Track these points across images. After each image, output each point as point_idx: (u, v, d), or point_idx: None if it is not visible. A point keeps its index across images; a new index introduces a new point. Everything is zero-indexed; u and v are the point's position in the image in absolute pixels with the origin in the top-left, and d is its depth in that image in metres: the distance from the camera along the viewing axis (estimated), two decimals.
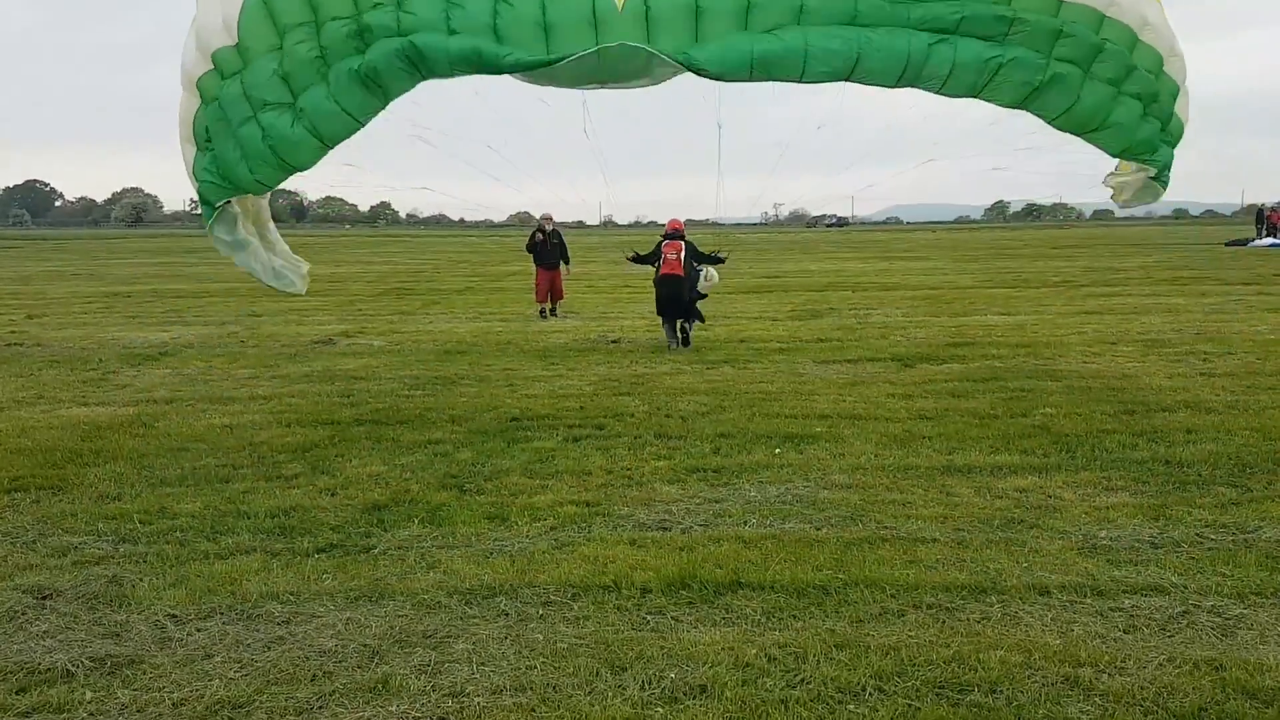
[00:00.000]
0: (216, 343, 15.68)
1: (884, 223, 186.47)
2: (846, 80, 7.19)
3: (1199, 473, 7.32)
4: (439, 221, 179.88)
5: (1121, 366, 12.12)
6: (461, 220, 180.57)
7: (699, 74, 7.04)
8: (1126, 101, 7.68)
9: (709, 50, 6.90)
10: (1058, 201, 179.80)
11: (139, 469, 7.90)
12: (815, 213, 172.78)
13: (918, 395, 10.57)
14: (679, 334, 14.56)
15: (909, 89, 7.43)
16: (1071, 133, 7.84)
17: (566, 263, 19.55)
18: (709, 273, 14.35)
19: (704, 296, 14.46)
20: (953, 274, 30.69)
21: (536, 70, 7.01)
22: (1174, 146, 8.35)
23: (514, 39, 6.85)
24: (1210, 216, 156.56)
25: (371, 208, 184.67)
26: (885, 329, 16.45)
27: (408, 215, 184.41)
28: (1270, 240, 45.68)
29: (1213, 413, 9.31)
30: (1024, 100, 7.40)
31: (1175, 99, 8.14)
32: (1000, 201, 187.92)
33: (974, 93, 7.31)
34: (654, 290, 14.52)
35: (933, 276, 29.73)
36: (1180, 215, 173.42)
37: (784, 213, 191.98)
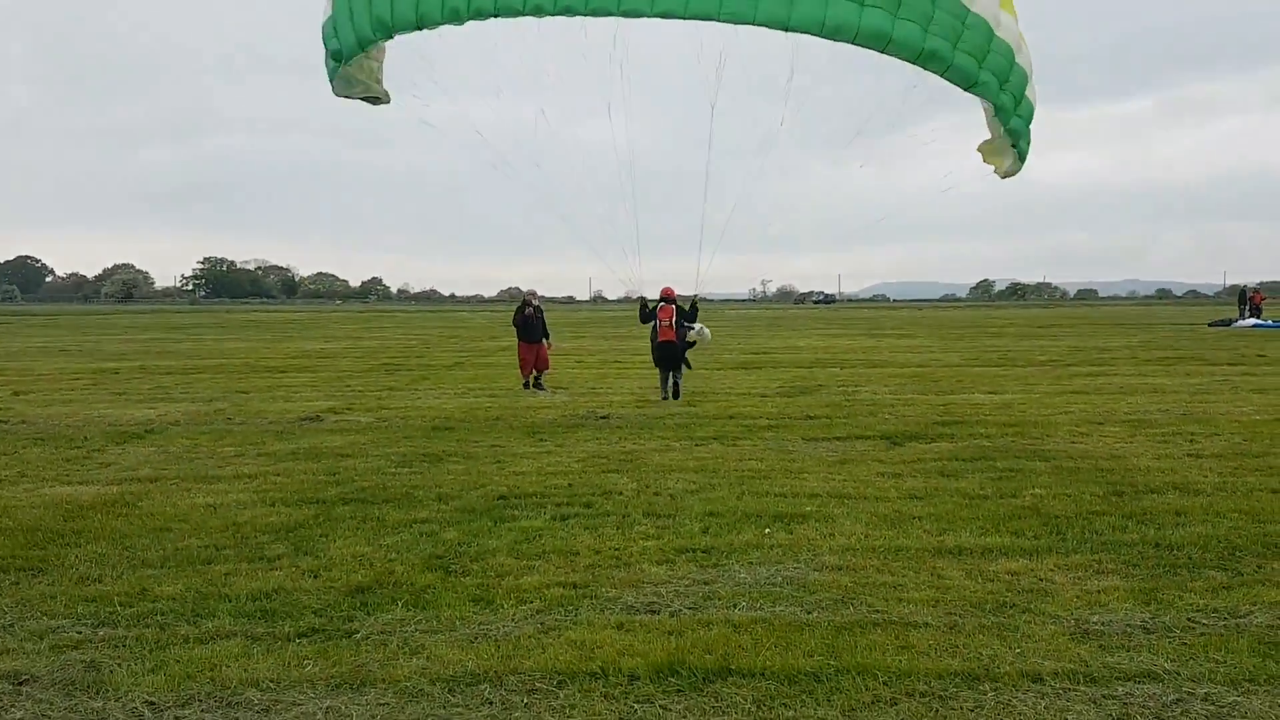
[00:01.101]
0: (203, 420, 15.59)
1: (871, 300, 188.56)
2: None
3: (1189, 556, 7.30)
4: (430, 297, 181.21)
5: (1109, 447, 12.15)
6: (452, 295, 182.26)
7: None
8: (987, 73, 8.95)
9: None
10: (1042, 281, 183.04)
11: (121, 550, 7.79)
12: (803, 289, 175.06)
13: (907, 474, 10.56)
14: (671, 388, 17.46)
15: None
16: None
17: (546, 338, 19.75)
18: (701, 330, 16.87)
19: (693, 344, 17.22)
20: (939, 352, 30.92)
21: None
22: (1027, 124, 9.80)
23: None
24: (1193, 297, 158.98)
25: (363, 283, 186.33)
26: (874, 406, 16.50)
27: (399, 291, 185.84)
28: (1254, 321, 46.36)
29: (1201, 494, 9.32)
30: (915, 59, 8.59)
31: (1026, 85, 9.48)
32: (985, 280, 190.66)
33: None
34: (651, 349, 17.77)
35: (920, 354, 29.95)
36: (1164, 295, 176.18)
37: (772, 289, 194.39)
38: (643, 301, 17.02)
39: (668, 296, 16.78)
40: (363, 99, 10.33)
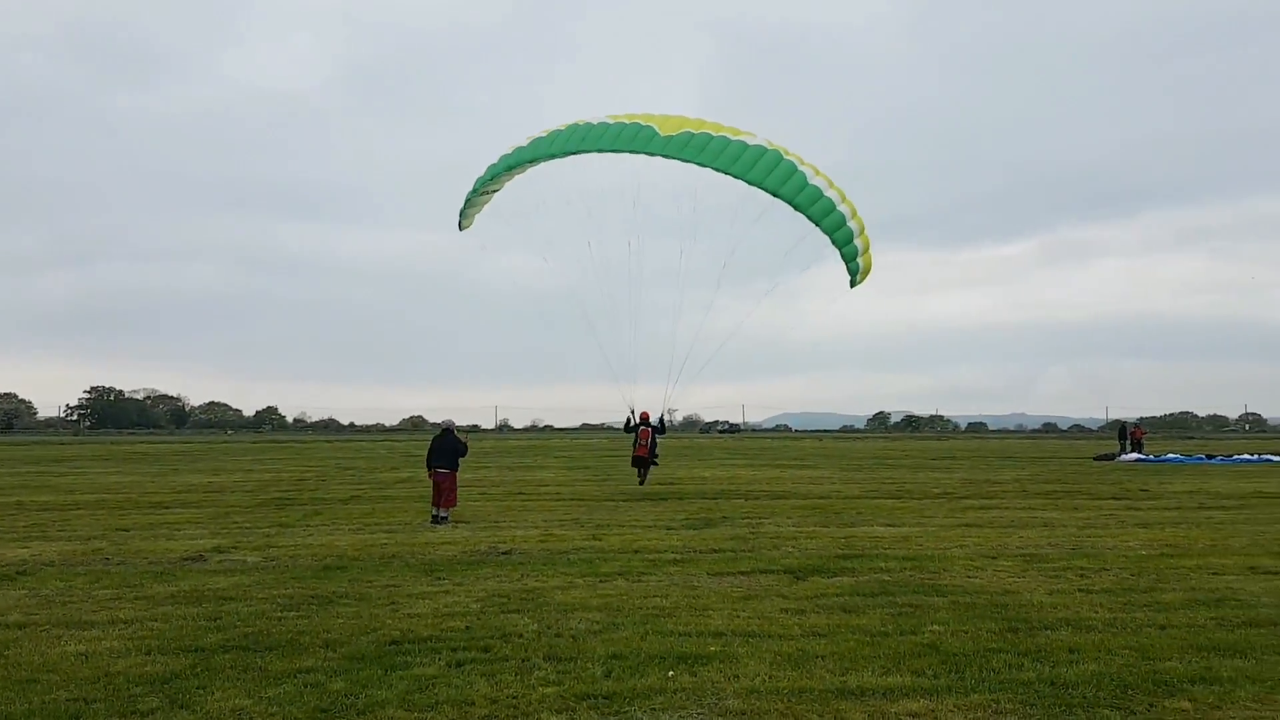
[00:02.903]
0: (79, 560, 14.62)
1: (774, 430, 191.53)
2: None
3: (1084, 695, 7.41)
4: (328, 426, 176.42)
5: (1004, 582, 12.41)
6: (352, 424, 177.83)
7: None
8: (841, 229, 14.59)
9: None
10: (935, 413, 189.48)
11: None
12: (709, 419, 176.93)
13: (810, 610, 10.55)
14: (642, 478, 24.53)
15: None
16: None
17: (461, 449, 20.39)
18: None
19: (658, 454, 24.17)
20: (840, 483, 31.44)
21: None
22: (856, 260, 14.87)
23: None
24: (1077, 430, 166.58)
25: (257, 412, 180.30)
26: (778, 539, 16.56)
27: (295, 420, 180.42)
28: (1136, 455, 48.74)
29: (1093, 630, 9.54)
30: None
31: (856, 240, 14.49)
32: (881, 412, 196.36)
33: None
34: (631, 457, 24.49)
35: (822, 485, 30.40)
36: (1050, 428, 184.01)
37: (679, 418, 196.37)
38: (629, 420, 23.10)
39: (645, 420, 22.56)
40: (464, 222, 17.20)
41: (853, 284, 14.69)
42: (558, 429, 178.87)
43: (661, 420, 23.51)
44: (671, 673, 8.02)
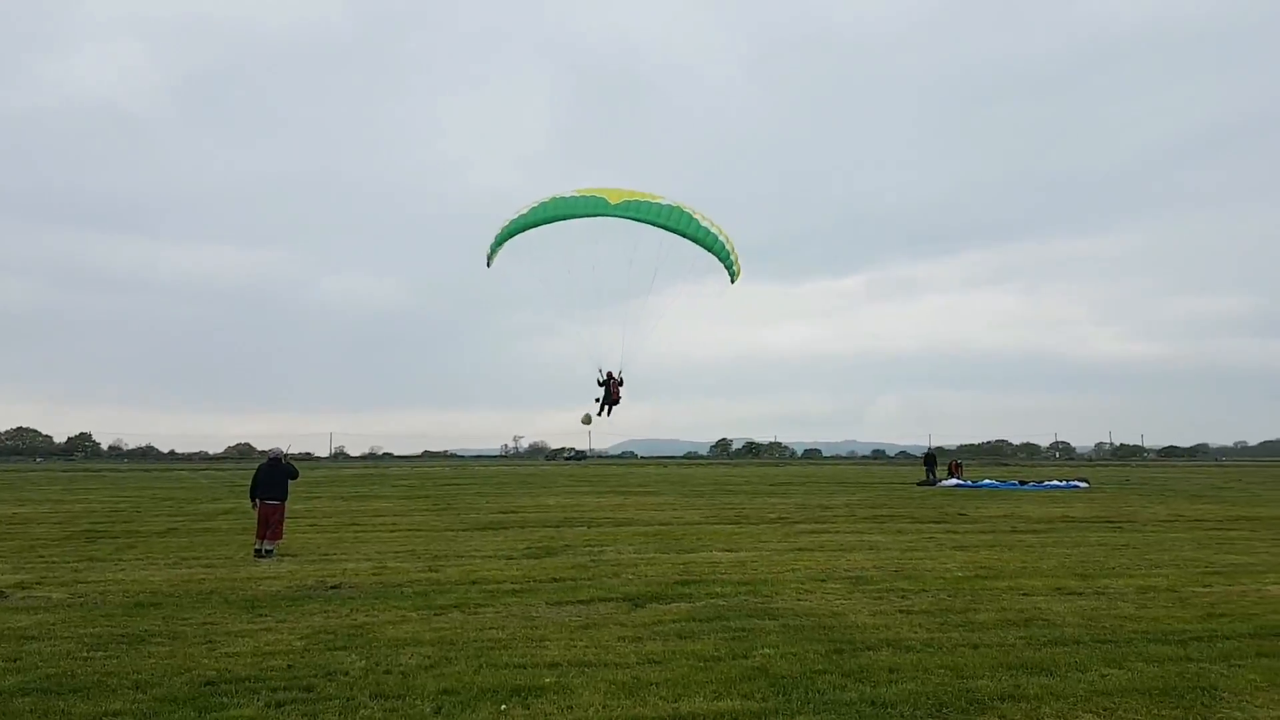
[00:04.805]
0: None
1: (620, 456, 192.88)
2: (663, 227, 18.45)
3: (901, 713, 7.73)
4: (146, 454, 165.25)
5: (832, 604, 12.85)
6: (172, 452, 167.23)
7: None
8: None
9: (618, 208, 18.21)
10: (774, 440, 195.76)
11: None
12: (555, 445, 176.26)
13: (647, 637, 10.59)
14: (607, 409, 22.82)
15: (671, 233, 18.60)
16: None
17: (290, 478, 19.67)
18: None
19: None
20: (681, 509, 31.88)
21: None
22: (731, 263, 19.36)
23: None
24: (904, 457, 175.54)
25: (69, 439, 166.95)
26: (618, 566, 16.60)
27: (110, 447, 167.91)
28: (954, 480, 51.78)
29: (912, 650, 10.00)
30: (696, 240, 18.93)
31: (730, 253, 19.27)
32: (724, 439, 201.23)
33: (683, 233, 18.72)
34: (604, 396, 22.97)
35: (663, 512, 30.72)
36: (879, 455, 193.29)
37: (524, 445, 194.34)
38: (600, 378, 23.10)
39: (610, 376, 22.87)
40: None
41: (732, 279, 19.61)
42: (398, 456, 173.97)
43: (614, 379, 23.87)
44: (504, 706, 7.87)
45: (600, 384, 23.36)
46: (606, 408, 22.72)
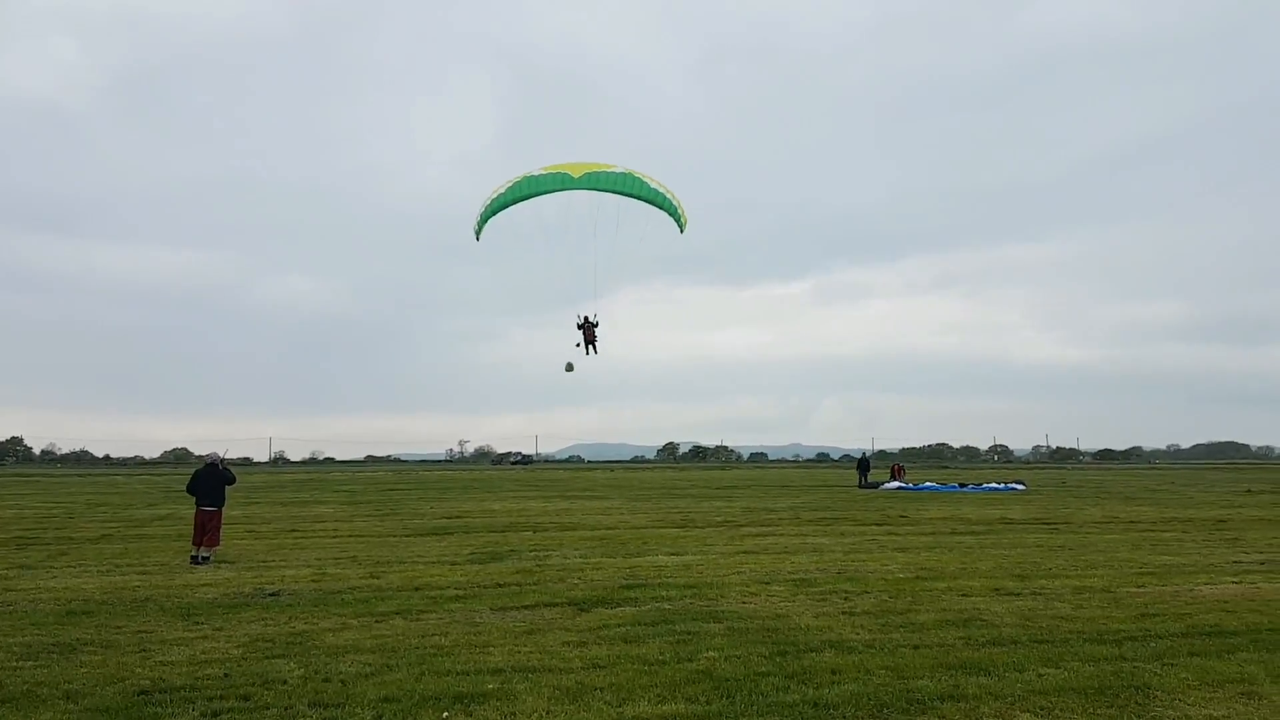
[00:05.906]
0: None
1: (567, 460, 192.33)
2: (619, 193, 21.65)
3: (843, 714, 7.81)
4: (80, 459, 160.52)
5: (775, 606, 12.94)
6: (107, 457, 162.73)
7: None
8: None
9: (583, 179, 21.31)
10: (720, 444, 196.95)
11: None
12: (501, 449, 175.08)
13: (592, 642, 10.56)
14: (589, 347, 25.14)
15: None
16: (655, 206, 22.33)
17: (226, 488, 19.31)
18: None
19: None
20: (628, 513, 31.88)
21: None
22: (679, 216, 22.37)
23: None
24: (848, 460, 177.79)
25: (0, 444, 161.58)
26: (564, 571, 16.53)
27: (43, 452, 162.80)
28: (896, 483, 52.65)
29: (854, 652, 10.10)
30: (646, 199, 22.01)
31: (678, 206, 22.27)
32: (671, 442, 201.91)
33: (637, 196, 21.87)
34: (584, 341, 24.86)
35: (610, 516, 30.70)
36: (823, 458, 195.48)
37: (470, 449, 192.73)
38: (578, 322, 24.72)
39: (587, 320, 24.56)
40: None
41: (681, 230, 22.47)
42: (340, 461, 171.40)
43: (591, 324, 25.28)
44: (446, 714, 7.78)
45: (579, 327, 25.39)
46: (590, 347, 24.71)
